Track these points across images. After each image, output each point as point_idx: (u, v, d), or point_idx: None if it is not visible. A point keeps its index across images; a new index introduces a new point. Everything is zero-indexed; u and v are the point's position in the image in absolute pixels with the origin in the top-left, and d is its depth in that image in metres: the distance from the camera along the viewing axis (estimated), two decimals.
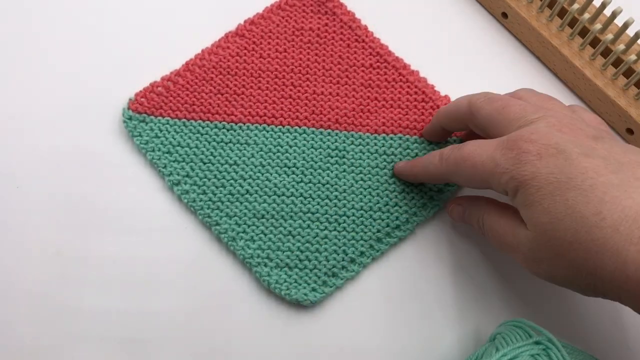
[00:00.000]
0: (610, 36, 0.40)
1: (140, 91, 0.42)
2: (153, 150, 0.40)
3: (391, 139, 0.41)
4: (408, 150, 0.41)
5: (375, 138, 0.41)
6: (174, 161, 0.40)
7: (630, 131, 0.41)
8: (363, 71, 0.44)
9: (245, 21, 0.45)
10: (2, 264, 0.38)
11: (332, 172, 0.40)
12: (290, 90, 0.43)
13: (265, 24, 0.45)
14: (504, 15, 0.45)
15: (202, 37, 0.44)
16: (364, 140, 0.41)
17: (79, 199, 0.40)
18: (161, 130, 0.41)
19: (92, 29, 0.45)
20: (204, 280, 0.38)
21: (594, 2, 0.41)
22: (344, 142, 0.41)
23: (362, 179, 0.40)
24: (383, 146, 0.41)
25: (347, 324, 0.37)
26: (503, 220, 0.32)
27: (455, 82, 0.43)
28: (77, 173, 0.40)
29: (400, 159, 0.41)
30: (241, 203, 0.39)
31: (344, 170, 0.40)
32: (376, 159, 0.41)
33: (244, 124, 0.41)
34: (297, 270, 0.38)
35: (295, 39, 0.44)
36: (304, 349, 0.36)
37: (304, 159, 0.41)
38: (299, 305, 0.37)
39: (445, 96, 0.43)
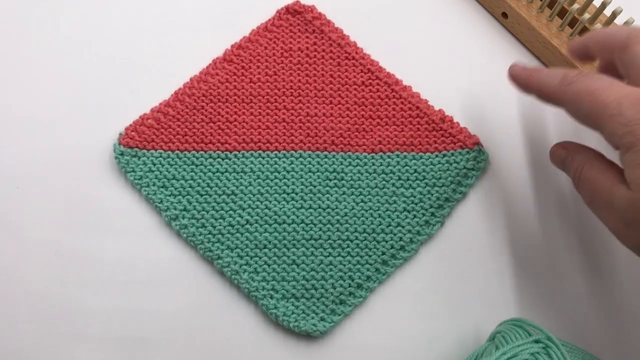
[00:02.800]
0: None
1: (131, 125, 0.41)
2: (148, 186, 0.39)
3: (389, 157, 0.41)
4: (407, 167, 0.41)
5: (373, 157, 0.41)
6: (170, 195, 0.39)
7: None
8: (355, 89, 0.43)
9: (232, 46, 0.44)
10: (2, 264, 0.38)
11: (331, 195, 0.40)
12: (284, 114, 0.42)
13: (253, 47, 0.44)
14: (504, 15, 0.45)
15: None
16: (361, 160, 0.41)
17: (79, 199, 0.39)
18: (154, 164, 0.40)
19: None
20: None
21: (594, 2, 0.41)
22: (341, 164, 0.41)
23: (362, 201, 0.40)
24: (381, 165, 0.41)
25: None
26: (604, 175, 0.30)
27: (456, 81, 0.44)
28: (76, 174, 0.40)
29: (399, 177, 0.40)
30: (242, 234, 0.38)
31: (344, 193, 0.40)
32: (375, 179, 0.40)
33: (239, 151, 0.41)
34: (304, 300, 0.37)
35: (285, 60, 0.44)
36: None
37: (302, 183, 0.40)
38: (309, 336, 0.36)
39: (440, 110, 0.42)
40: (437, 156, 0.41)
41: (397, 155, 0.41)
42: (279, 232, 0.38)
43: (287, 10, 0.45)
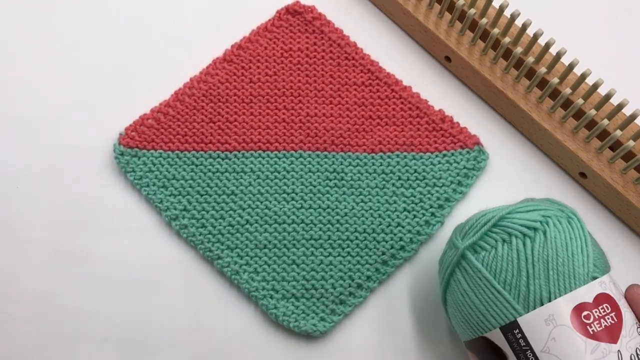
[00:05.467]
0: (556, 80, 0.38)
1: (131, 125, 0.41)
2: (148, 186, 0.39)
3: (389, 157, 0.41)
4: (407, 167, 0.41)
5: (373, 157, 0.41)
6: (170, 195, 0.39)
7: (583, 175, 0.40)
8: (355, 89, 0.43)
9: (232, 46, 0.44)
10: (2, 264, 0.38)
11: (332, 195, 0.40)
12: (284, 114, 0.42)
13: (253, 47, 0.44)
14: (447, 59, 0.43)
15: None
16: (361, 160, 0.41)
17: (79, 199, 0.40)
18: (154, 164, 0.40)
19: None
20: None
21: (539, 41, 0.39)
22: (341, 164, 0.41)
23: (362, 201, 0.40)
24: (381, 165, 0.41)
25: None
26: None
27: None
28: (76, 174, 0.40)
29: (399, 177, 0.40)
30: (242, 234, 0.38)
31: (344, 193, 0.40)
32: (375, 179, 0.40)
33: (239, 151, 0.41)
34: (304, 300, 0.37)
35: (285, 60, 0.44)
36: None
37: (302, 183, 0.40)
38: (309, 336, 0.36)
39: (440, 110, 0.42)
40: (437, 156, 0.41)
41: (397, 155, 0.41)
42: (279, 232, 0.38)
43: (287, 10, 0.45)
